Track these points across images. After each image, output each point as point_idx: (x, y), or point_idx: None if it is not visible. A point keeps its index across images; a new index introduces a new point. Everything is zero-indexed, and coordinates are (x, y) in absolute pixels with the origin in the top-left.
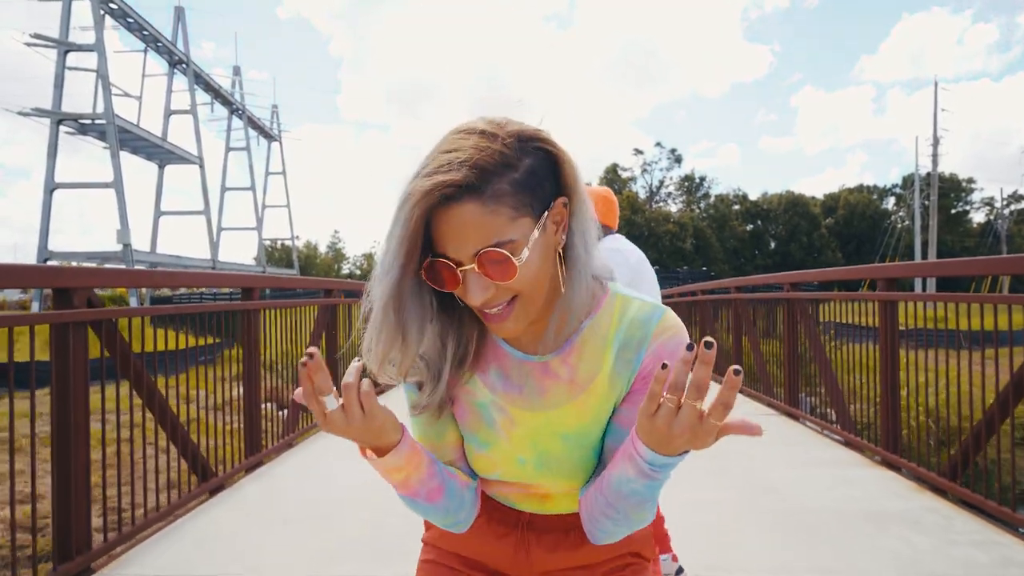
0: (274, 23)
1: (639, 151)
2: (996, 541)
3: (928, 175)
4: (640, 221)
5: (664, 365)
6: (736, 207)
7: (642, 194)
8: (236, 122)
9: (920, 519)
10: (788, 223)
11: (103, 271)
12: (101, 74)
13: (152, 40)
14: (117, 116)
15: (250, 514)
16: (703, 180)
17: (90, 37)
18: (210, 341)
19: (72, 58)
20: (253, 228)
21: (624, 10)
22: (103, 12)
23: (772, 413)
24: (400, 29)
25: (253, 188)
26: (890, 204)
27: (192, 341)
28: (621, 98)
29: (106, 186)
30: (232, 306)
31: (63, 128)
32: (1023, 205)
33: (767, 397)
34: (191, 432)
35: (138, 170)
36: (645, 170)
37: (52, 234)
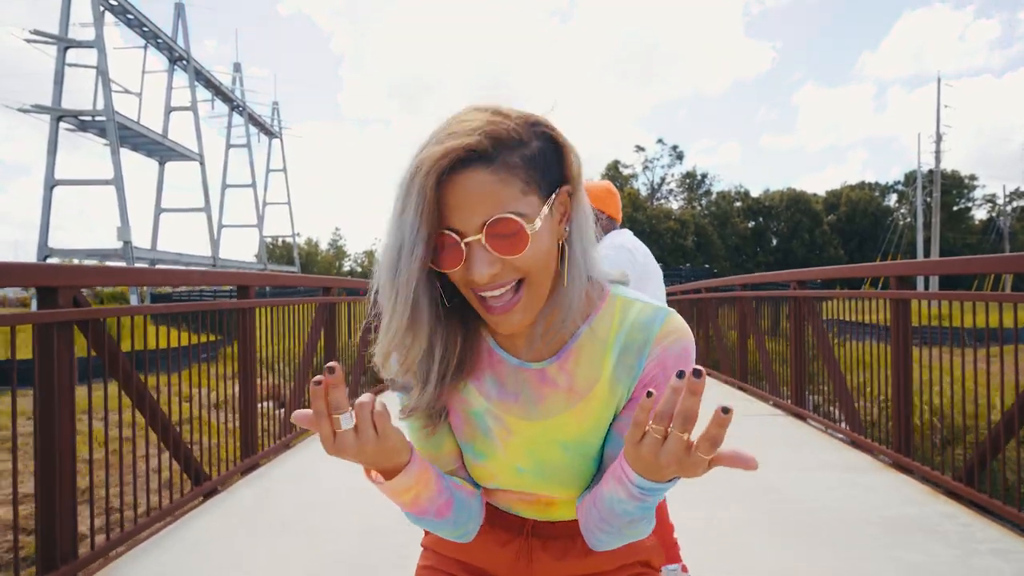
0: (275, 20)
1: (640, 148)
2: (1019, 550)
3: (930, 172)
4: (642, 218)
5: (649, 393)
6: (738, 204)
7: (643, 191)
8: (237, 119)
9: (937, 526)
10: (790, 220)
11: (90, 269)
12: (101, 70)
13: (152, 36)
14: (117, 113)
15: (244, 520)
16: (705, 177)
17: (90, 33)
18: (209, 339)
19: (72, 54)
20: (254, 225)
21: (625, 6)
22: (103, 8)
23: (779, 413)
24: (401, 25)
25: (254, 185)
26: (892, 201)
27: (193, 339)
28: (622, 95)
29: (106, 183)
30: (227, 304)
31: (63, 125)
32: None
33: (773, 396)
34: (187, 432)
35: (139, 167)
36: (646, 167)
37: (53, 231)
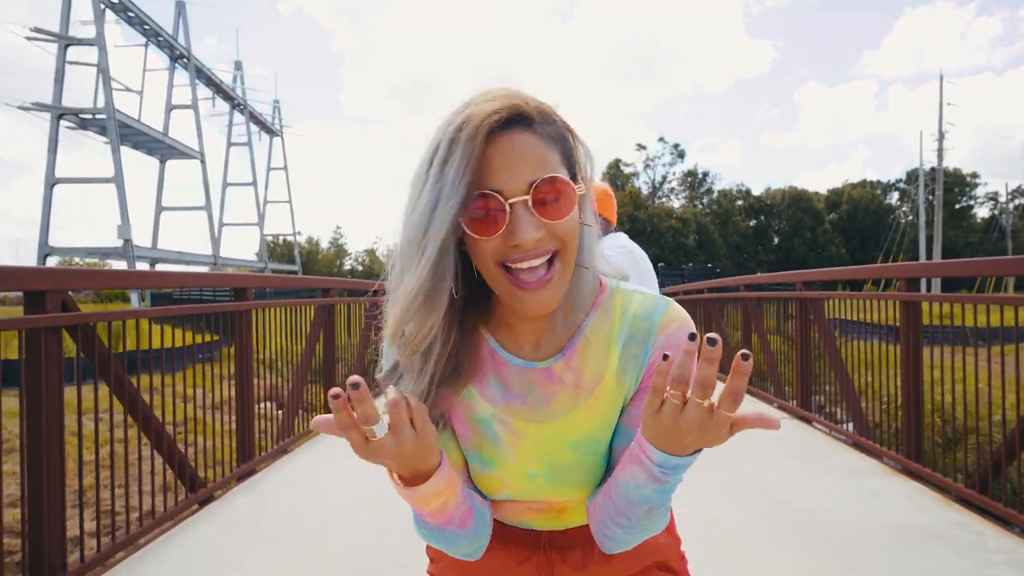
0: (276, 18)
1: (642, 146)
2: None
3: (932, 170)
4: (643, 217)
5: (665, 356)
6: (739, 203)
7: (645, 190)
8: (238, 117)
9: (950, 536)
10: (791, 219)
11: (78, 272)
12: (102, 68)
13: (153, 35)
14: (118, 111)
15: (241, 529)
16: (706, 176)
17: (91, 31)
18: (210, 339)
19: (73, 52)
20: (255, 224)
21: (626, 6)
22: (104, 6)
23: (784, 416)
24: (402, 24)
25: (255, 184)
26: (894, 199)
27: (196, 338)
28: (623, 93)
29: (107, 181)
30: (223, 308)
31: (64, 123)
32: None
33: (778, 399)
34: (183, 434)
35: (139, 165)
36: (648, 165)
37: (54, 229)
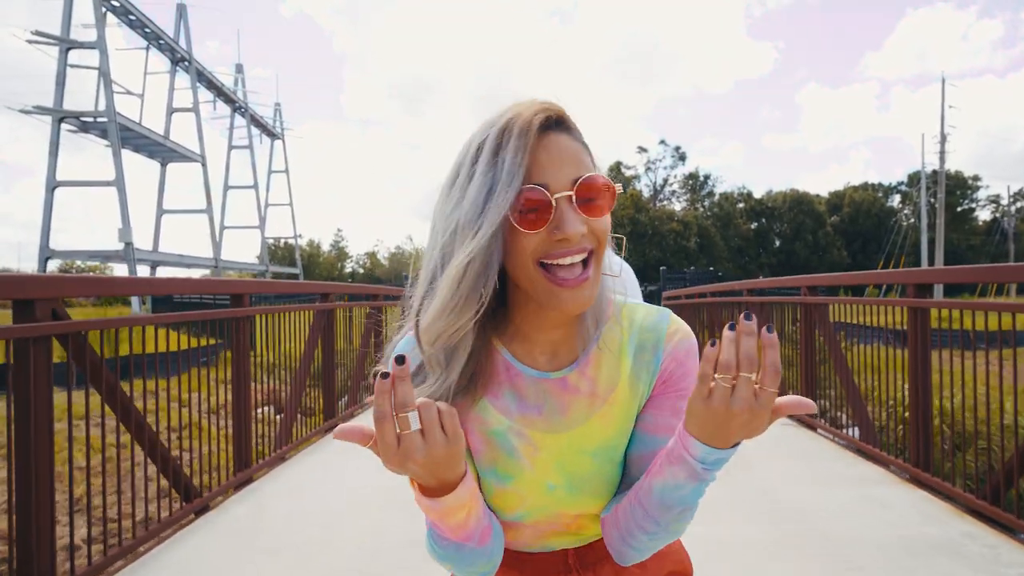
0: (277, 20)
1: (643, 149)
2: None
3: (934, 172)
4: (644, 220)
5: (713, 342)
6: (740, 205)
7: (646, 192)
8: (239, 120)
9: (962, 548)
10: (793, 221)
11: (69, 279)
12: (103, 72)
13: (154, 38)
14: (119, 114)
15: (237, 540)
16: (707, 178)
17: (92, 34)
18: (209, 343)
19: (74, 55)
20: (256, 226)
21: (626, 6)
22: (105, 9)
23: (788, 423)
24: (402, 26)
25: (256, 186)
26: (895, 202)
27: (193, 341)
28: (623, 95)
29: (108, 184)
30: (221, 314)
31: (65, 126)
32: None
33: None
34: (182, 439)
35: (140, 168)
36: (649, 168)
37: (55, 232)
